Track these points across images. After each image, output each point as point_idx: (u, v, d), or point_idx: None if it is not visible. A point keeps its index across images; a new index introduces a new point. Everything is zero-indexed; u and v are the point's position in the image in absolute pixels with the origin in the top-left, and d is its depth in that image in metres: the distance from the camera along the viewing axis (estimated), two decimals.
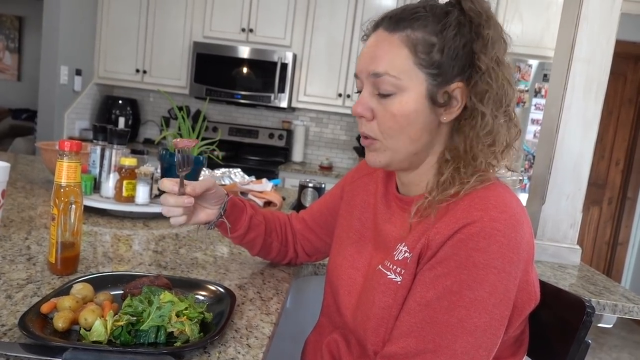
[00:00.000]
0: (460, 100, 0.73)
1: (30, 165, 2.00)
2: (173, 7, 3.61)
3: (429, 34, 0.71)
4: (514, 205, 0.69)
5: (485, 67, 0.70)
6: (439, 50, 0.71)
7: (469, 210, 0.67)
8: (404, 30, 0.72)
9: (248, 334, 0.73)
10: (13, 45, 5.77)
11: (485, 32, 0.71)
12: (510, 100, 0.73)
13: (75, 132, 3.63)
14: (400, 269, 0.72)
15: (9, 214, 1.20)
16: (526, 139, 3.02)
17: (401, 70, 0.71)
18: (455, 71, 0.71)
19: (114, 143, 1.38)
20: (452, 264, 0.66)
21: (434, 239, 0.69)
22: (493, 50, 0.71)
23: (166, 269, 0.97)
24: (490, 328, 0.66)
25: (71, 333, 0.66)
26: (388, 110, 0.73)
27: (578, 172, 1.42)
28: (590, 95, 1.40)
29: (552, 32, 3.05)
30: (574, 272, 1.38)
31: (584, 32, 1.38)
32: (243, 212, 0.97)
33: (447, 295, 0.66)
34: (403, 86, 0.72)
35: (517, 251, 0.66)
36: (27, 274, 0.85)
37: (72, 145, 0.84)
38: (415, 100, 0.72)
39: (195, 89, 3.55)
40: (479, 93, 0.71)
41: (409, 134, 0.74)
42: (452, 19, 0.71)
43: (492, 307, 0.65)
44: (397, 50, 0.72)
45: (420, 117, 0.73)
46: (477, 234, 0.65)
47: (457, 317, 0.65)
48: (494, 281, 0.65)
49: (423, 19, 0.72)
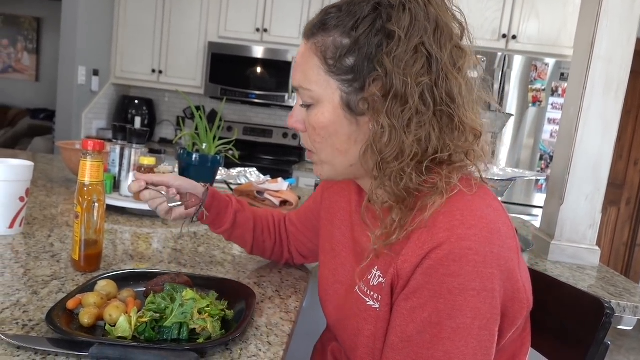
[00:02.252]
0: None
1: (50, 164, 2.03)
2: (188, 8, 3.64)
3: (340, 36, 0.65)
4: (485, 213, 0.61)
5: (387, 68, 0.62)
6: (350, 53, 0.64)
7: (433, 232, 0.60)
8: (316, 37, 0.67)
9: (268, 331, 0.74)
10: (31, 46, 5.87)
11: (392, 26, 0.62)
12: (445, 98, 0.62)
13: (93, 132, 3.69)
14: (377, 295, 0.67)
15: (32, 212, 1.23)
16: (542, 138, 2.99)
17: (313, 81, 0.67)
18: (370, 74, 0.64)
19: (133, 142, 1.40)
20: (427, 294, 0.60)
21: (403, 268, 0.62)
22: (407, 45, 0.61)
23: (186, 267, 0.98)
24: (481, 350, 0.60)
25: (96, 329, 0.67)
26: (309, 122, 0.70)
27: (597, 172, 1.41)
28: (610, 94, 1.38)
29: (569, 30, 3.02)
30: (593, 274, 1.36)
31: (604, 30, 1.36)
32: (228, 207, 0.96)
33: (427, 328, 0.60)
34: (317, 97, 0.68)
35: (496, 264, 0.59)
36: (51, 270, 0.86)
37: (96, 145, 0.85)
38: (330, 110, 0.67)
39: (211, 88, 3.57)
40: (380, 98, 0.63)
41: (334, 145, 0.69)
42: (365, 13, 0.64)
43: (478, 330, 0.59)
44: (308, 61, 0.68)
45: (340, 128, 0.68)
46: (447, 258, 0.58)
47: (443, 350, 0.60)
48: (475, 304, 0.59)
49: (335, 20, 0.66)
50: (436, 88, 0.62)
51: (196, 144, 1.49)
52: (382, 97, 0.63)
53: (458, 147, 0.64)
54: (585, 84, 1.39)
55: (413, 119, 0.61)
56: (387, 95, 0.62)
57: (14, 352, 0.59)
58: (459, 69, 0.64)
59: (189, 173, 1.46)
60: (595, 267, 1.43)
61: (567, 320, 0.82)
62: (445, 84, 0.62)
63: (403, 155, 0.62)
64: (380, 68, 0.62)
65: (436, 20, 0.63)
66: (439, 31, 0.63)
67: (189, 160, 1.45)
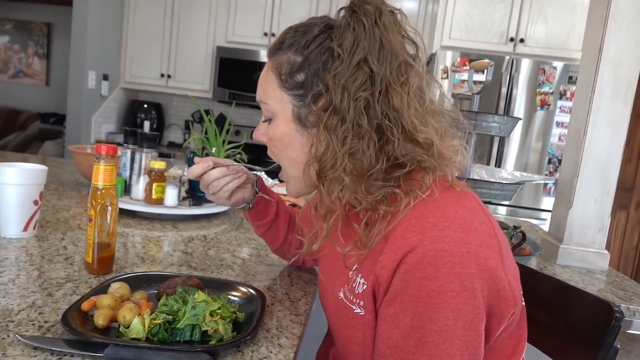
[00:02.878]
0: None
1: (61, 167, 2.06)
2: (197, 13, 3.68)
3: (294, 54, 0.70)
4: (459, 214, 0.61)
5: (328, 84, 0.66)
6: (300, 69, 0.70)
7: (406, 236, 0.61)
8: (274, 56, 0.73)
9: (279, 334, 0.74)
10: (42, 51, 5.94)
11: (332, 44, 0.67)
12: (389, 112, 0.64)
13: (102, 136, 3.72)
14: (362, 301, 0.68)
15: (45, 215, 1.25)
16: (551, 142, 2.98)
17: (269, 96, 0.73)
18: (318, 89, 0.68)
19: (143, 147, 1.42)
20: (407, 299, 0.61)
21: (381, 274, 0.63)
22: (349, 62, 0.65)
23: (196, 269, 0.99)
24: (467, 349, 0.61)
25: (110, 330, 0.68)
26: (268, 134, 0.76)
27: (606, 175, 1.40)
28: (619, 97, 1.38)
29: (577, 33, 3.01)
30: (602, 278, 1.36)
31: (612, 34, 1.36)
32: (272, 197, 0.99)
33: (411, 332, 0.61)
34: (273, 111, 0.73)
35: (474, 263, 0.59)
36: (65, 273, 0.88)
37: (109, 149, 0.87)
38: (283, 123, 0.72)
39: (219, 93, 3.60)
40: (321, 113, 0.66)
41: (290, 156, 0.74)
42: (315, 33, 0.69)
43: (461, 331, 0.59)
44: (266, 77, 0.74)
45: (293, 140, 0.72)
46: (422, 261, 0.59)
47: (428, 353, 0.60)
48: (455, 305, 0.59)
49: (291, 39, 0.71)
50: (377, 102, 0.64)
51: (205, 147, 1.50)
52: (323, 112, 0.66)
53: (410, 157, 0.65)
54: (594, 87, 1.39)
55: (349, 132, 0.64)
56: (327, 109, 0.66)
57: (31, 353, 0.60)
58: (402, 83, 0.66)
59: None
60: (605, 271, 1.42)
61: (576, 323, 0.82)
62: (388, 99, 0.65)
63: (335, 165, 0.65)
64: (322, 84, 0.67)
65: (380, 39, 0.66)
66: (383, 50, 0.65)
67: None
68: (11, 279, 0.82)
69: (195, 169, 0.88)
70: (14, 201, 1.02)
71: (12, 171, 1.02)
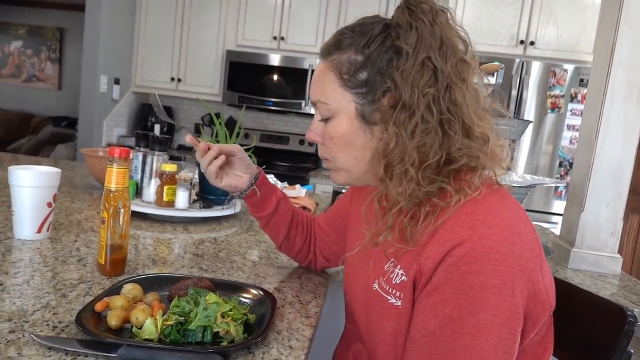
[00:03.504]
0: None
1: (73, 170, 2.08)
2: (207, 18, 3.71)
3: (353, 54, 0.72)
4: (505, 215, 0.64)
5: (397, 81, 0.67)
6: (363, 68, 0.71)
7: (455, 230, 0.63)
8: (331, 56, 0.75)
9: (289, 336, 0.75)
10: (54, 55, 6.03)
11: (400, 43, 0.68)
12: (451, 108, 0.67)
13: (114, 139, 3.76)
14: (399, 292, 0.70)
15: (58, 217, 1.26)
16: (562, 145, 2.96)
17: (329, 95, 0.74)
18: (382, 87, 0.70)
19: (155, 150, 1.43)
20: (448, 290, 0.62)
21: (426, 264, 0.65)
22: (415, 60, 0.67)
23: (207, 271, 1.00)
24: (502, 347, 0.62)
25: (123, 331, 0.69)
26: (327, 133, 0.77)
27: (618, 178, 1.39)
28: (631, 100, 1.37)
29: (588, 36, 2.99)
30: (614, 282, 1.34)
31: (624, 36, 1.35)
32: (273, 193, 1.00)
33: (448, 323, 0.62)
34: (334, 109, 0.74)
35: (517, 264, 0.61)
36: (78, 274, 0.89)
37: (122, 152, 0.88)
38: (346, 121, 0.74)
39: (228, 96, 3.62)
40: (390, 109, 0.68)
41: (352, 153, 0.75)
42: (376, 32, 0.71)
43: (499, 327, 0.61)
44: (324, 77, 0.75)
45: (355, 137, 0.74)
46: (469, 255, 0.61)
47: (463, 344, 0.61)
48: (495, 302, 0.61)
49: (348, 39, 0.73)
50: (442, 98, 0.67)
51: None
52: (391, 108, 0.68)
53: (465, 152, 0.67)
54: (606, 90, 1.37)
55: (419, 126, 0.66)
56: (395, 105, 0.68)
57: (46, 353, 0.61)
58: (462, 79, 0.69)
59: None
60: (617, 275, 1.41)
61: (588, 328, 0.82)
62: (450, 94, 0.67)
63: (404, 159, 0.67)
64: (390, 81, 0.69)
65: (441, 37, 0.68)
66: (444, 47, 0.68)
67: None
68: (26, 280, 0.83)
69: (200, 145, 0.98)
70: (29, 203, 1.03)
71: (27, 174, 1.03)
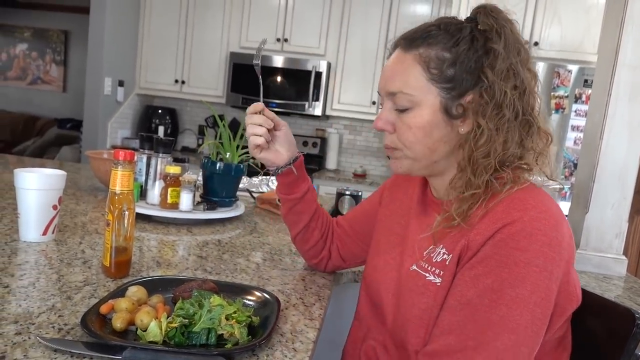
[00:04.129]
0: (471, 113, 0.76)
1: (78, 173, 2.09)
2: (210, 20, 3.72)
3: (441, 50, 0.75)
4: (552, 206, 0.70)
5: (490, 80, 0.73)
6: (451, 65, 0.75)
7: (508, 211, 0.69)
8: (417, 49, 0.77)
9: (293, 338, 0.75)
10: (59, 58, 6.06)
11: (494, 45, 0.74)
12: (527, 109, 0.74)
13: (118, 141, 3.78)
14: (440, 270, 0.74)
15: (63, 220, 1.27)
16: (566, 145, 2.95)
17: (414, 87, 0.76)
18: (468, 84, 0.75)
19: (159, 152, 1.43)
20: (493, 263, 0.68)
21: (475, 240, 0.70)
22: (504, 63, 0.73)
23: (211, 274, 1.00)
24: (532, 326, 0.66)
25: (128, 333, 0.69)
26: (405, 123, 0.78)
27: (623, 180, 1.38)
28: (636, 101, 1.36)
29: (592, 36, 2.98)
30: (619, 284, 1.34)
31: (629, 37, 1.35)
32: (305, 180, 1.03)
33: (488, 293, 0.67)
34: (417, 101, 0.76)
35: (558, 250, 0.67)
36: (83, 276, 0.89)
37: (126, 155, 0.88)
38: (429, 113, 0.76)
39: (232, 98, 3.63)
40: (481, 105, 0.74)
41: (427, 144, 0.78)
42: (465, 34, 0.75)
43: (533, 305, 0.66)
44: (410, 69, 0.77)
45: (435, 129, 0.76)
46: (518, 233, 0.67)
47: (499, 314, 0.66)
48: (535, 279, 0.66)
49: (435, 36, 0.76)
50: (521, 100, 0.74)
51: (220, 152, 1.52)
52: (483, 104, 0.73)
53: (533, 150, 0.75)
54: (610, 90, 1.37)
55: (505, 124, 0.73)
56: (488, 102, 0.73)
57: (52, 355, 0.61)
58: (534, 85, 0.76)
59: (213, 182, 1.49)
60: (622, 277, 1.40)
61: (596, 331, 0.81)
62: (526, 97, 0.74)
63: (490, 152, 0.73)
64: (482, 80, 0.74)
65: (517, 45, 0.75)
66: (521, 55, 0.75)
67: (213, 169, 1.48)
68: (31, 282, 0.84)
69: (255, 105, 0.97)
70: (34, 206, 1.04)
71: (33, 176, 1.04)
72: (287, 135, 1.00)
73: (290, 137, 1.00)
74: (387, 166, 3.88)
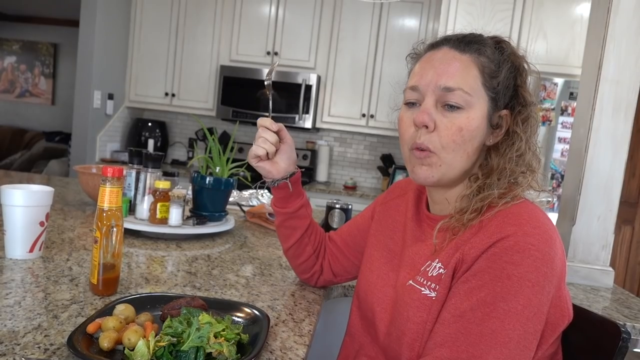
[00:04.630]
0: (504, 126, 0.80)
1: (66, 187, 2.07)
2: (201, 34, 3.73)
3: (490, 61, 0.79)
4: (546, 222, 0.72)
5: (529, 99, 0.79)
6: (496, 77, 0.78)
7: (502, 226, 0.71)
8: (472, 53, 0.79)
9: (283, 355, 0.74)
10: (48, 70, 6.03)
11: (523, 67, 0.81)
12: (535, 132, 0.80)
13: (107, 154, 3.75)
14: (435, 284, 0.75)
15: (50, 236, 1.26)
16: (553, 157, 2.98)
17: (472, 88, 0.77)
18: (505, 99, 0.79)
19: (148, 167, 1.43)
20: (487, 277, 0.69)
21: (469, 254, 0.72)
22: (526, 86, 0.80)
23: (200, 290, 1.00)
24: (524, 340, 0.67)
25: (115, 352, 0.68)
26: (454, 123, 0.77)
27: (609, 192, 1.41)
28: (619, 115, 1.39)
29: (577, 50, 3.03)
30: (607, 295, 1.35)
31: (611, 53, 1.38)
32: (300, 196, 1.03)
33: (481, 306, 0.68)
34: (472, 103, 0.77)
35: (550, 266, 0.68)
36: (70, 294, 0.88)
37: (115, 172, 0.88)
38: (479, 117, 0.77)
39: (222, 111, 3.64)
40: (522, 121, 0.79)
41: (468, 149, 0.78)
42: (507, 53, 0.80)
43: (525, 319, 0.67)
44: (469, 69, 0.78)
45: (479, 135, 0.78)
46: (511, 248, 0.68)
47: (491, 328, 0.67)
48: (528, 294, 0.67)
49: (485, 47, 0.80)
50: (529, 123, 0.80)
51: (210, 167, 1.51)
52: (520, 120, 0.79)
53: (530, 165, 0.79)
54: (594, 105, 1.40)
55: (530, 138, 0.79)
56: (525, 120, 0.79)
57: None
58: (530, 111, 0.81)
59: (203, 196, 1.48)
60: (610, 288, 1.41)
61: (582, 343, 0.82)
62: (531, 120, 0.80)
63: (519, 161, 0.78)
64: (522, 98, 0.80)
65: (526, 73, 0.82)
66: (526, 81, 0.82)
67: (202, 184, 1.47)
68: (17, 301, 0.82)
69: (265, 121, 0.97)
70: (21, 223, 1.03)
71: (19, 193, 1.03)
72: (289, 150, 0.99)
73: (291, 153, 0.99)
74: (377, 178, 3.90)
